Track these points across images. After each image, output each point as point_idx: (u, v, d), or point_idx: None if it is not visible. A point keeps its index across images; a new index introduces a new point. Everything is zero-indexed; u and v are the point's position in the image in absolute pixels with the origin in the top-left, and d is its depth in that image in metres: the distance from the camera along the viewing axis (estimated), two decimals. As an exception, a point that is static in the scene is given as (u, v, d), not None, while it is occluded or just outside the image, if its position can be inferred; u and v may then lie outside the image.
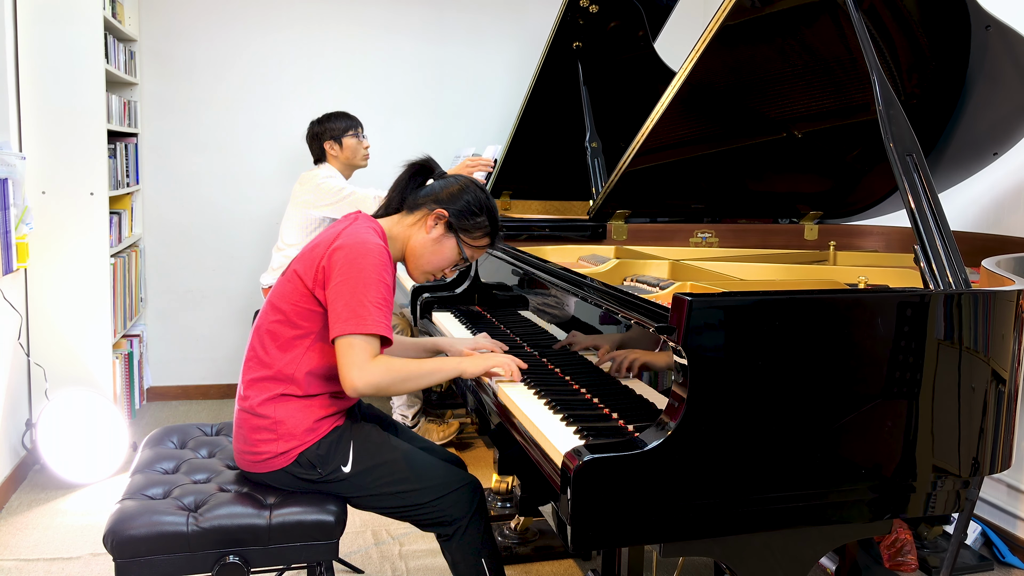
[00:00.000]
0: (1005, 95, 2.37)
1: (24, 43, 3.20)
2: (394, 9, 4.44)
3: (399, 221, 1.94)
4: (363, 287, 1.70)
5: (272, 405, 1.78)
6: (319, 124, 3.48)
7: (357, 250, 1.74)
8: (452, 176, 1.99)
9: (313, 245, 1.84)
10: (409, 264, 1.96)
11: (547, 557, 2.66)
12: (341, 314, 1.69)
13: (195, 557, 1.69)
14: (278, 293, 1.84)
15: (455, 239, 1.91)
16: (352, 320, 1.68)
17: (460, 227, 1.90)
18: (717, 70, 2.31)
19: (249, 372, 1.84)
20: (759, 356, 1.36)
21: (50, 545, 2.71)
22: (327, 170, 3.45)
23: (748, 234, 2.80)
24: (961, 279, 1.56)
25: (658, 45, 3.33)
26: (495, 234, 1.96)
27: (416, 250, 1.92)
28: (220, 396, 4.40)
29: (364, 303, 1.69)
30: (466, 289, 2.76)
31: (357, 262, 1.72)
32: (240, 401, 1.84)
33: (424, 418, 3.62)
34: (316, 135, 3.48)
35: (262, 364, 1.81)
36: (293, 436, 1.77)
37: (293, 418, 1.78)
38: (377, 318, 1.69)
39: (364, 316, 1.68)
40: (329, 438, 1.80)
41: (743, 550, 1.44)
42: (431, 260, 1.93)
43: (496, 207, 1.97)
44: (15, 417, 3.20)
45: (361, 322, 1.68)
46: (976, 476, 1.52)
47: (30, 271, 3.31)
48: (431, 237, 1.90)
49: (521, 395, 1.73)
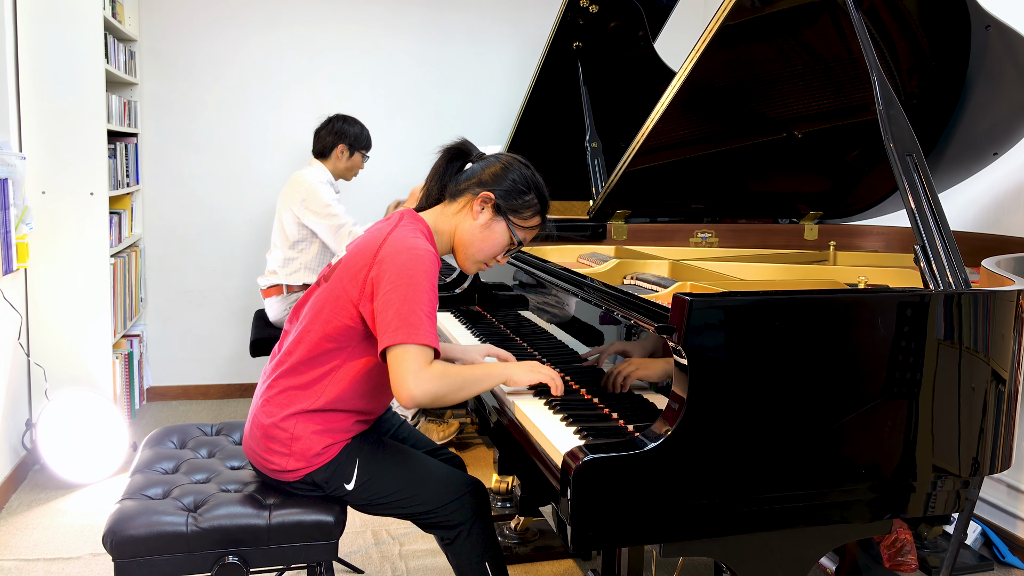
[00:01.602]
0: (1005, 95, 2.37)
1: (24, 43, 3.20)
2: (394, 9, 4.44)
3: (442, 212, 1.83)
4: (415, 295, 1.61)
5: (292, 421, 1.74)
6: (347, 125, 3.50)
7: (407, 256, 1.65)
8: (492, 155, 1.87)
9: (357, 251, 1.74)
10: (459, 255, 1.85)
11: (547, 557, 2.66)
12: (391, 323, 1.60)
13: (195, 557, 1.69)
14: (322, 303, 1.75)
15: (505, 222, 1.80)
16: (404, 329, 1.59)
17: (509, 208, 1.79)
18: (717, 70, 2.31)
19: (276, 381, 1.77)
20: (759, 356, 1.36)
21: (50, 545, 2.71)
22: (320, 172, 3.46)
23: (748, 234, 2.79)
24: (961, 279, 1.56)
25: (658, 45, 3.33)
26: (545, 212, 1.85)
27: (465, 239, 1.81)
28: (220, 396, 4.40)
29: (416, 312, 1.60)
30: (466, 289, 2.76)
31: (408, 269, 1.63)
32: (261, 404, 1.78)
33: (424, 418, 3.61)
34: (339, 133, 3.48)
35: (294, 370, 1.75)
36: (303, 457, 1.74)
37: (307, 439, 1.73)
38: (429, 328, 1.61)
39: (417, 325, 1.59)
40: (336, 460, 1.77)
41: (743, 550, 1.44)
42: (482, 248, 1.82)
43: (543, 183, 1.85)
44: (15, 417, 3.20)
45: (414, 331, 1.58)
46: (976, 476, 1.52)
47: (30, 271, 3.31)
48: (479, 223, 1.80)
49: (521, 395, 1.73)
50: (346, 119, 3.53)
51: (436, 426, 3.59)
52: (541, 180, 1.85)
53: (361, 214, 4.17)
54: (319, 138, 3.53)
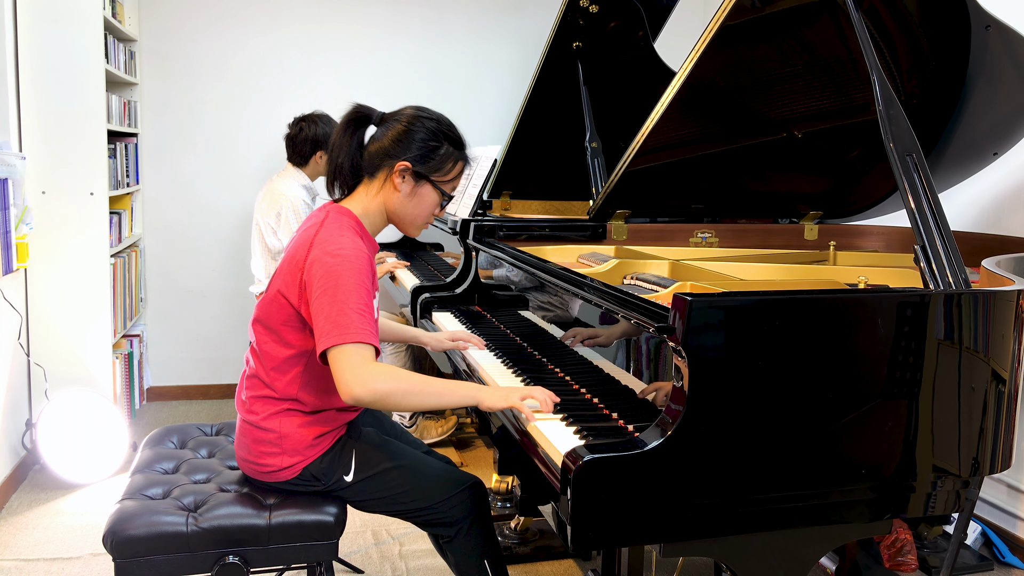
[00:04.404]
0: (1005, 95, 2.37)
1: (24, 43, 3.20)
2: (394, 9, 4.44)
3: (366, 193, 1.81)
4: (343, 296, 1.61)
5: (277, 420, 1.76)
6: (319, 127, 3.39)
7: (331, 259, 1.65)
8: (392, 115, 1.82)
9: (289, 257, 1.75)
10: (398, 226, 1.86)
11: (547, 557, 2.65)
12: (324, 327, 1.60)
13: (195, 557, 1.69)
14: (265, 312, 1.77)
15: (429, 184, 1.79)
16: (336, 331, 1.59)
17: (428, 170, 1.78)
18: (717, 70, 2.31)
19: (251, 388, 1.80)
20: (759, 356, 1.36)
21: (50, 545, 2.71)
22: (295, 184, 3.38)
23: (748, 234, 2.79)
24: (961, 279, 1.56)
25: (658, 45, 3.32)
26: (463, 154, 1.83)
27: (398, 212, 1.81)
28: (220, 396, 4.40)
29: (345, 312, 1.60)
30: (466, 289, 2.76)
31: (333, 271, 1.63)
32: (243, 412, 1.81)
33: (421, 416, 3.61)
34: (315, 140, 3.39)
35: (263, 384, 1.77)
36: (297, 451, 1.76)
37: (297, 433, 1.75)
38: (361, 325, 1.60)
39: (347, 325, 1.59)
40: (332, 451, 1.79)
41: (743, 550, 1.44)
42: (417, 214, 1.82)
43: (449, 120, 1.83)
44: (15, 417, 3.20)
45: (345, 331, 1.58)
46: (976, 476, 1.52)
47: (30, 271, 3.31)
48: (404, 194, 1.78)
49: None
50: (315, 121, 3.41)
51: (434, 422, 3.59)
52: (448, 120, 1.83)
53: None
54: (295, 148, 3.42)
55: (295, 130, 3.43)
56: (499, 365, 2.02)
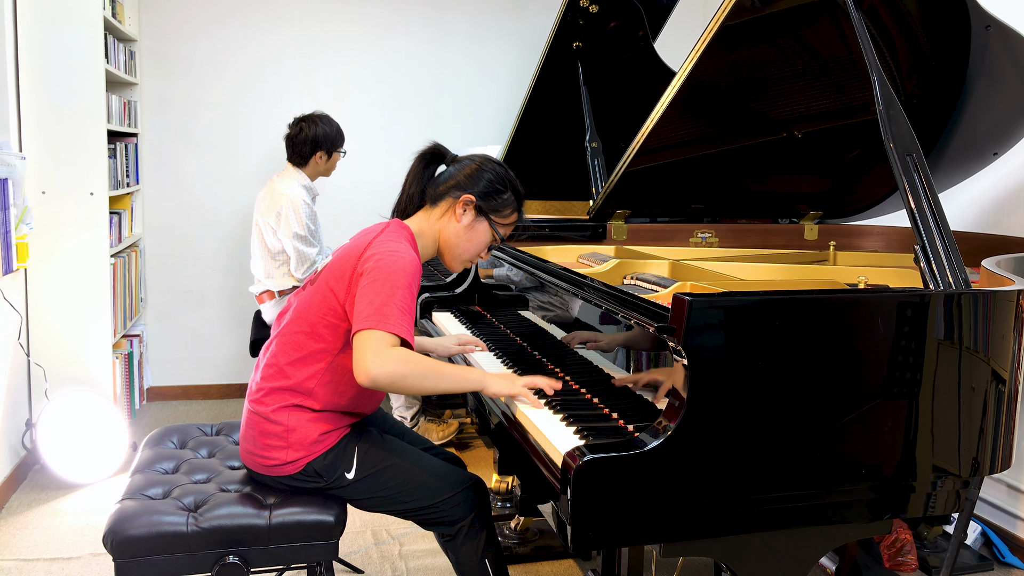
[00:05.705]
0: (1005, 95, 2.37)
1: (24, 43, 3.20)
2: (394, 9, 4.44)
3: (426, 217, 1.91)
4: (391, 290, 1.66)
5: (285, 413, 1.77)
6: (319, 127, 3.37)
7: (390, 256, 1.71)
8: (466, 158, 1.95)
9: (344, 254, 1.80)
10: (446, 256, 1.93)
11: (547, 557, 2.66)
12: (364, 311, 1.64)
13: (195, 557, 1.69)
14: (307, 304, 1.80)
15: (487, 221, 1.89)
16: (375, 316, 1.62)
17: (489, 208, 1.88)
18: (717, 70, 2.31)
19: (267, 379, 1.81)
20: (759, 356, 1.36)
21: (50, 545, 2.71)
22: (296, 184, 3.36)
23: (748, 234, 2.79)
24: (961, 279, 1.56)
25: (658, 45, 3.32)
26: (521, 207, 1.94)
27: (451, 241, 1.89)
28: (220, 396, 4.40)
29: (390, 304, 1.64)
30: (466, 289, 2.76)
31: (388, 265, 1.69)
32: (253, 403, 1.82)
33: (423, 418, 3.61)
34: (314, 140, 3.37)
35: (281, 374, 1.79)
36: (302, 446, 1.76)
37: (304, 428, 1.77)
38: (400, 320, 1.64)
39: (387, 315, 1.63)
40: (335, 448, 1.79)
41: (743, 550, 1.44)
42: (468, 247, 1.90)
43: (516, 178, 1.93)
44: (15, 417, 3.20)
45: (384, 320, 1.62)
46: (976, 476, 1.52)
47: (30, 271, 3.31)
48: (463, 225, 1.88)
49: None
50: (315, 121, 3.39)
51: (435, 426, 3.59)
52: (514, 176, 1.94)
53: (359, 215, 4.19)
54: (295, 148, 3.40)
55: (295, 130, 3.42)
56: (499, 365, 2.02)
